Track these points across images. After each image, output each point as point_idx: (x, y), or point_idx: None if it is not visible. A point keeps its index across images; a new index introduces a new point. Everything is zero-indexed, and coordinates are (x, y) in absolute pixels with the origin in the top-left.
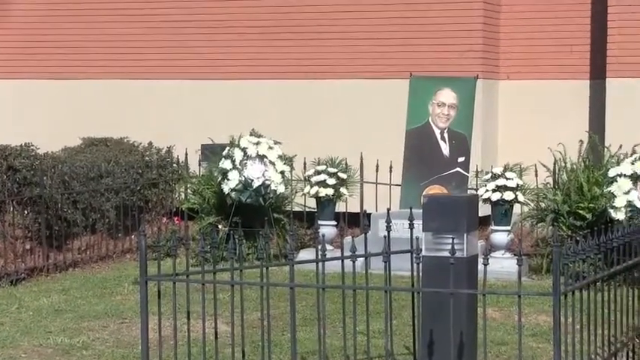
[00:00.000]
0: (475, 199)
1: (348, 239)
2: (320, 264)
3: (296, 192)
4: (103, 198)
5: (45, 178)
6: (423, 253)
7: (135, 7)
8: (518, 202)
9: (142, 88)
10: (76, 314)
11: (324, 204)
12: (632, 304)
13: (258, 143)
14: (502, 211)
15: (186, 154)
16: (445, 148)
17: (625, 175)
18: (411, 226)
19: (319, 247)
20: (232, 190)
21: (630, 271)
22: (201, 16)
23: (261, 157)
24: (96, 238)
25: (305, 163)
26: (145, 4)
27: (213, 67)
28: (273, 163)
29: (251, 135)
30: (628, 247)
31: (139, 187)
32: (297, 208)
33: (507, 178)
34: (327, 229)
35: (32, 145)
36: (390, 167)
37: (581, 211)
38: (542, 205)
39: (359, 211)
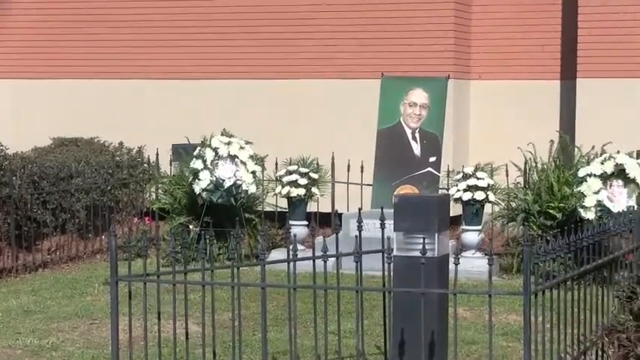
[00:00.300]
0: (446, 199)
1: (319, 239)
2: (291, 264)
3: (267, 192)
4: (74, 198)
5: (14, 178)
6: (394, 252)
7: (103, 7)
8: (489, 201)
9: (113, 88)
10: (46, 315)
11: (296, 204)
12: (602, 303)
13: (229, 143)
14: (473, 210)
15: (157, 154)
16: (416, 148)
17: (595, 175)
18: (383, 226)
19: (290, 247)
20: (203, 190)
21: (600, 271)
22: (174, 15)
23: (233, 157)
24: (66, 238)
25: (276, 163)
26: (113, 3)
27: (185, 67)
28: (244, 163)
29: (222, 135)
30: (598, 247)
31: (109, 187)
32: (268, 208)
33: (478, 178)
34: (299, 229)
35: (1, 145)
36: (362, 167)
37: (551, 211)
38: (513, 204)
39: (330, 211)
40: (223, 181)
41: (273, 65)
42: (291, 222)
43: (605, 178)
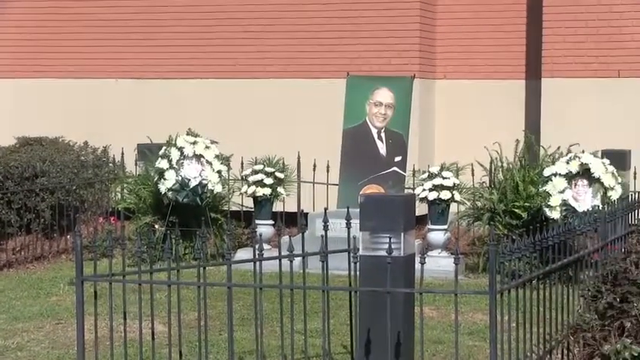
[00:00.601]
0: (412, 199)
1: (285, 239)
2: (257, 263)
3: (233, 191)
4: (38, 198)
5: None
6: (360, 252)
7: (67, 7)
8: (455, 201)
9: (78, 87)
10: (11, 315)
11: (262, 203)
12: (567, 302)
13: (194, 143)
14: (439, 210)
15: (123, 154)
16: (382, 148)
17: (560, 175)
18: (349, 226)
19: (256, 246)
20: (169, 189)
21: (565, 270)
22: (138, 15)
23: (198, 157)
24: (31, 238)
25: (242, 163)
26: (76, 2)
27: (150, 66)
28: (210, 163)
29: (188, 134)
30: (563, 246)
31: (74, 187)
32: (234, 208)
33: (444, 178)
34: (265, 228)
35: None
36: (328, 167)
37: (517, 210)
38: (479, 204)
39: (296, 210)
40: (189, 180)
41: (239, 65)
42: (257, 221)
43: (570, 177)
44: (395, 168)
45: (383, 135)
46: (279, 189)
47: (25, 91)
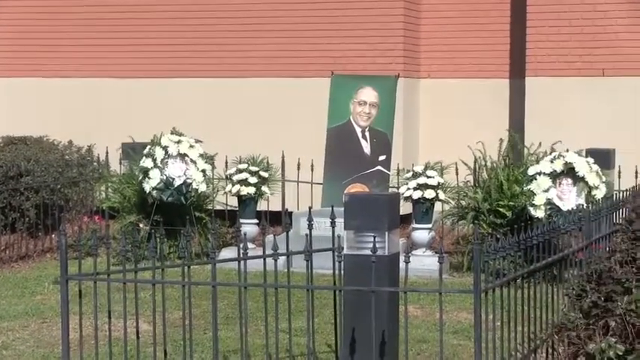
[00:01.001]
0: (396, 198)
1: (269, 238)
2: (242, 262)
3: (217, 190)
4: (23, 197)
5: None
6: (345, 251)
7: (51, 5)
8: (439, 200)
9: (62, 86)
10: None
11: (246, 202)
12: (552, 301)
13: (179, 142)
14: (423, 209)
15: (107, 153)
16: (366, 147)
17: (544, 174)
18: (333, 225)
19: (241, 245)
20: (153, 188)
21: (550, 269)
22: (123, 13)
23: (183, 156)
24: (16, 237)
25: (226, 162)
26: (64, 1)
27: (135, 65)
28: (194, 162)
29: (172, 133)
30: (547, 245)
31: (59, 186)
32: (218, 207)
33: (428, 177)
34: (249, 227)
35: None
36: (312, 166)
37: (501, 209)
38: (463, 203)
39: (281, 209)
40: (173, 179)
41: (223, 64)
42: (241, 220)
43: (554, 176)
44: (379, 167)
45: (367, 134)
46: (264, 188)
47: (9, 91)
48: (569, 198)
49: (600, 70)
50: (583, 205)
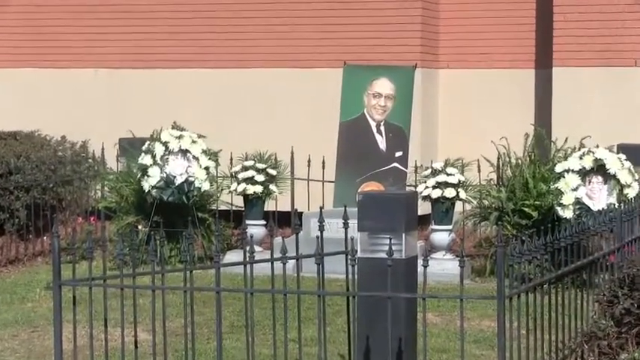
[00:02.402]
0: (414, 197)
1: (278, 240)
2: (248, 267)
3: (222, 189)
4: (13, 196)
5: None
6: (359, 254)
7: None
8: (460, 199)
9: (54, 77)
10: None
11: (252, 202)
12: (581, 307)
13: (180, 137)
14: (443, 209)
15: (103, 149)
16: (381, 142)
17: (573, 171)
18: (346, 226)
19: (247, 248)
20: (153, 187)
21: (579, 273)
22: (118, 0)
23: (184, 152)
24: (5, 239)
25: (231, 159)
26: None
27: (133, 55)
28: (196, 159)
29: (173, 128)
30: (576, 247)
31: (51, 185)
32: (223, 207)
33: (448, 174)
34: (256, 229)
35: None
36: (323, 163)
37: (526, 209)
38: (486, 202)
39: (290, 209)
40: (174, 177)
41: (228, 53)
42: (247, 222)
43: (583, 173)
44: (395, 164)
45: (382, 128)
46: (272, 187)
47: None
48: (599, 197)
49: (632, 60)
50: (614, 204)
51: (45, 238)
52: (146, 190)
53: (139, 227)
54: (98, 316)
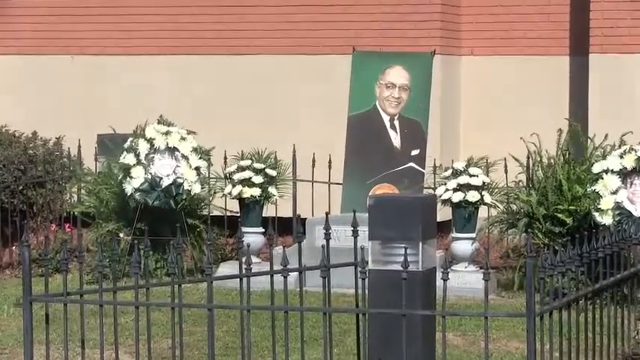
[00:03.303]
0: (432, 201)
1: (278, 250)
2: (244, 280)
3: (215, 192)
4: None
5: None
6: (370, 266)
7: None
8: (485, 203)
9: (24, 63)
10: None
11: (249, 207)
12: (622, 326)
13: (167, 133)
14: (465, 214)
15: (79, 147)
16: (396, 139)
17: (612, 171)
18: (355, 234)
19: (243, 259)
20: (136, 190)
21: (619, 287)
22: None
23: (172, 150)
24: None
25: (225, 158)
26: None
27: (115, 40)
28: (186, 158)
29: (159, 123)
30: (616, 258)
31: (20, 187)
32: (216, 212)
33: (471, 175)
34: (253, 237)
35: None
36: (329, 162)
37: (560, 215)
38: (514, 207)
39: (291, 215)
40: (160, 179)
41: (220, 38)
42: (243, 229)
43: (625, 174)
44: (411, 163)
45: (396, 123)
46: (271, 189)
47: None
48: None
49: None
50: None
51: (14, 247)
52: (128, 194)
53: (121, 235)
54: (74, 337)
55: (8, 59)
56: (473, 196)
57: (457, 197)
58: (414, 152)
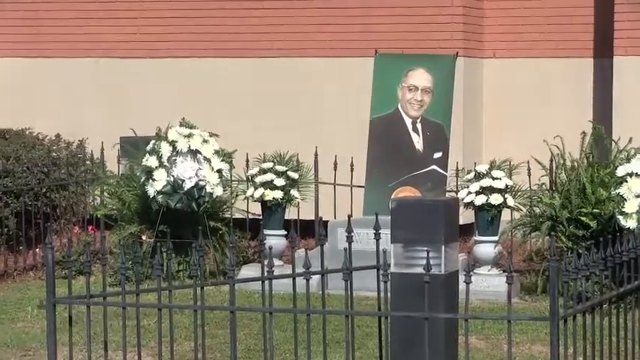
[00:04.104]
0: (455, 204)
1: (300, 253)
2: (266, 283)
3: (237, 195)
4: (1, 202)
5: None
6: (392, 269)
7: None
8: (508, 206)
9: (48, 67)
10: None
11: (271, 210)
12: None
13: (190, 136)
14: (488, 218)
15: (102, 149)
16: (418, 142)
17: (637, 175)
18: (377, 237)
19: (265, 262)
20: (159, 192)
21: None
22: None
23: (194, 153)
24: None
25: (247, 160)
26: None
27: (137, 43)
28: (208, 160)
29: (181, 125)
30: None
31: (44, 190)
32: (238, 215)
33: (494, 178)
34: (275, 240)
35: None
36: (352, 165)
37: (583, 218)
38: (537, 210)
39: (314, 218)
40: (183, 181)
41: (242, 41)
42: (265, 232)
43: None
44: (434, 166)
45: (419, 126)
46: (293, 192)
47: None
48: None
49: None
50: None
51: (37, 249)
52: (151, 196)
53: (143, 238)
54: (97, 339)
55: (32, 62)
56: (496, 199)
57: (480, 200)
58: (437, 155)
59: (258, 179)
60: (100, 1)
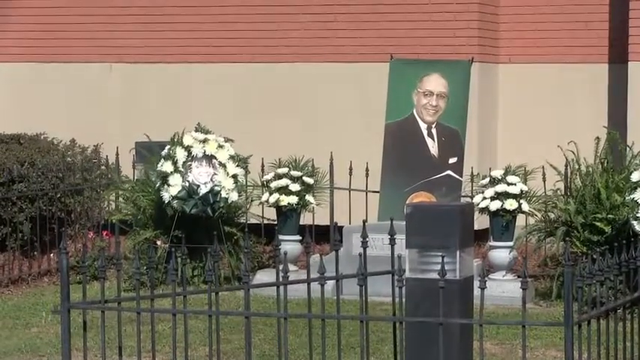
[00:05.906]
0: (470, 209)
1: (315, 258)
2: (281, 288)
3: (252, 200)
4: (16, 208)
5: None
6: (407, 274)
7: None
8: (523, 212)
9: (63, 72)
10: None
11: (286, 215)
12: None
13: (205, 141)
14: (503, 223)
15: (117, 154)
16: (433, 147)
17: None
18: (392, 242)
19: (280, 267)
20: (174, 198)
21: None
22: None
23: (209, 158)
24: (7, 256)
25: (263, 165)
26: None
27: (152, 48)
28: (223, 165)
29: (197, 131)
30: None
31: (59, 195)
32: (253, 220)
33: (509, 184)
34: (290, 245)
35: None
36: (367, 170)
37: (598, 224)
38: (552, 215)
39: (329, 223)
40: (198, 186)
41: (257, 46)
42: (280, 237)
43: None
44: (449, 172)
45: (434, 131)
46: (308, 197)
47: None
48: None
49: None
50: None
51: (52, 255)
52: (166, 201)
53: (158, 243)
54: (111, 344)
55: (47, 67)
56: (511, 204)
57: (495, 205)
58: (452, 160)
59: (274, 184)
60: (114, 6)
